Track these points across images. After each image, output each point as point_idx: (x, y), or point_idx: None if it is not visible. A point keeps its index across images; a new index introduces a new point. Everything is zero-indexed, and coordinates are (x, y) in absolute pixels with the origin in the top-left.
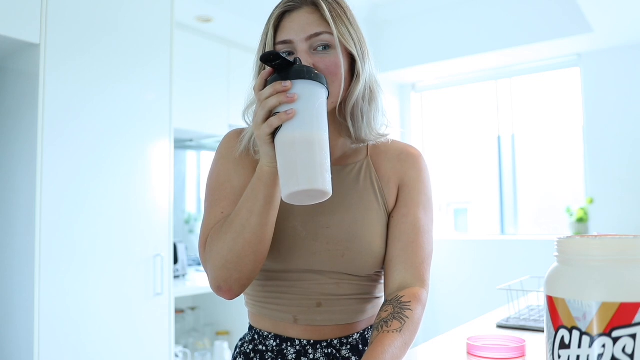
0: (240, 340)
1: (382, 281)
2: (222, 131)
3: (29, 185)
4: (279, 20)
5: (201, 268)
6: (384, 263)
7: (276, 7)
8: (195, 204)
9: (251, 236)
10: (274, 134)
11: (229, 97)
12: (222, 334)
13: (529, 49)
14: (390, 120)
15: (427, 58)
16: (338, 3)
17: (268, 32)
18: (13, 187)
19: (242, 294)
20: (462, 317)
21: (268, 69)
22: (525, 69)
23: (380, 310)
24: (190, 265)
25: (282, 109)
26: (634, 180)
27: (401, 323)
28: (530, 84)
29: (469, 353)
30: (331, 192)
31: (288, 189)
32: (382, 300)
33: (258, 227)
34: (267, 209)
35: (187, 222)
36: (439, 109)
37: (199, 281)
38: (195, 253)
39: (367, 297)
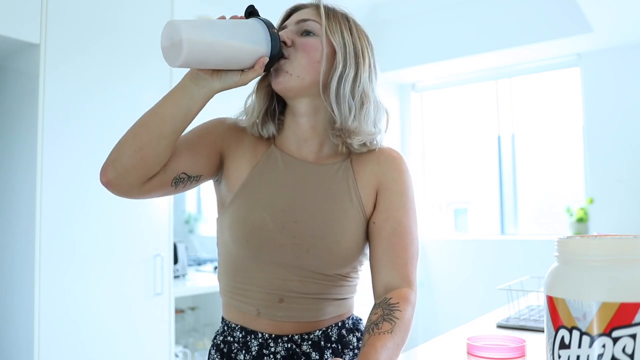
0: (215, 332)
1: (349, 283)
2: None
3: (29, 185)
4: (287, 16)
5: (201, 268)
6: (363, 265)
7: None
8: (195, 204)
9: (143, 119)
10: None
11: (228, 97)
12: None
13: (529, 49)
14: (382, 130)
15: (427, 58)
16: (346, 17)
17: (278, 23)
18: (13, 187)
19: (218, 282)
20: (462, 317)
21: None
22: (525, 69)
23: (370, 314)
24: (190, 265)
25: None
26: (634, 180)
27: (392, 324)
28: (530, 84)
29: (469, 353)
30: (185, 44)
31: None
32: (349, 301)
33: (153, 114)
34: (173, 95)
35: (187, 222)
36: (439, 109)
37: (199, 281)
38: (196, 253)
39: (331, 297)
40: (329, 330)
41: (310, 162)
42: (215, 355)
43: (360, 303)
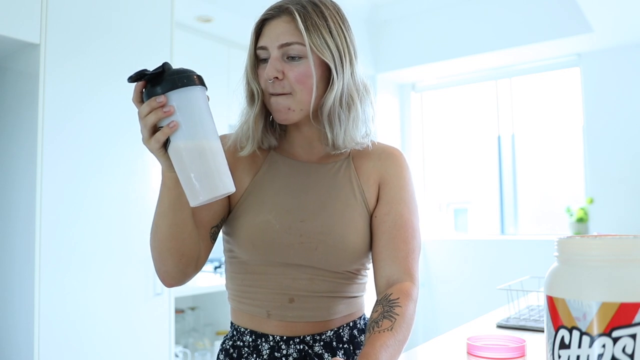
0: (224, 337)
1: (359, 281)
2: (222, 131)
3: (29, 185)
4: (260, 27)
5: None
6: (371, 262)
7: (260, 15)
8: None
9: (163, 235)
10: (165, 144)
11: (228, 97)
12: (222, 334)
13: (529, 49)
14: (372, 129)
15: (427, 58)
16: (320, 10)
17: (251, 38)
18: (13, 187)
19: (226, 289)
20: (462, 317)
21: (141, 82)
22: (525, 69)
23: (372, 312)
24: None
25: (163, 123)
26: (634, 180)
27: (392, 321)
28: (530, 84)
29: (469, 353)
30: (234, 188)
31: (192, 201)
32: (360, 300)
33: (167, 227)
34: (173, 210)
35: None
36: (439, 109)
37: (199, 281)
38: None
39: (342, 295)
40: (341, 330)
41: (312, 163)
42: None
43: (372, 303)
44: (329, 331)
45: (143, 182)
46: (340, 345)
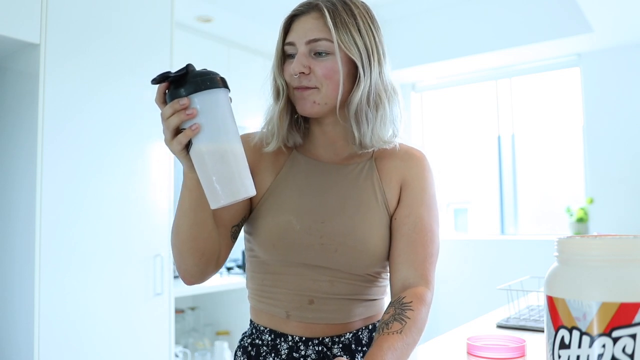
0: (243, 334)
1: (380, 283)
2: None
3: (29, 185)
4: (289, 23)
5: None
6: (388, 264)
7: (290, 11)
8: None
9: (184, 235)
10: (187, 146)
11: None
12: (222, 334)
13: (529, 49)
14: (399, 129)
15: (427, 58)
16: (350, 8)
17: (280, 34)
18: (13, 187)
19: (246, 288)
20: (462, 317)
21: (164, 83)
22: (525, 69)
23: (384, 313)
24: None
25: (186, 124)
26: (634, 180)
27: (402, 324)
28: (530, 84)
29: (469, 353)
30: (254, 192)
31: (213, 204)
32: (379, 302)
33: (188, 227)
34: (194, 211)
35: None
36: (439, 109)
37: None
38: None
39: (362, 298)
40: (360, 333)
41: (334, 164)
42: (242, 358)
43: None
44: (348, 333)
45: (143, 182)
46: (359, 348)
